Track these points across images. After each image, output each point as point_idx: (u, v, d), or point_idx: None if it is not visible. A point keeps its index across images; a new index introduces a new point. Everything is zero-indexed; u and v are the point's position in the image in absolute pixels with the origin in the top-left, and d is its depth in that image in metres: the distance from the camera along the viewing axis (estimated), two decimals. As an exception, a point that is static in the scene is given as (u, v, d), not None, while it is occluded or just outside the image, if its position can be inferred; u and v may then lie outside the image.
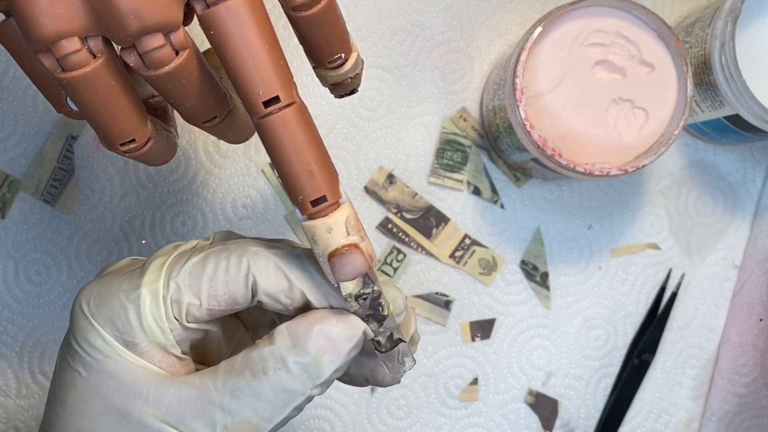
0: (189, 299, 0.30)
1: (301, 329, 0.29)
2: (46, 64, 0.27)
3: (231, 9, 0.26)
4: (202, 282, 0.30)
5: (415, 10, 0.52)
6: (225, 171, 0.52)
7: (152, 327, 0.30)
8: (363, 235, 0.29)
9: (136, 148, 0.30)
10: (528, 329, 0.52)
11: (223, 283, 0.30)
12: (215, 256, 0.30)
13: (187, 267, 0.30)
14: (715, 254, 0.53)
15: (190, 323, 0.30)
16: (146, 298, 0.30)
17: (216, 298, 0.30)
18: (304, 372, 0.29)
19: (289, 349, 0.29)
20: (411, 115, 0.52)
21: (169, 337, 0.30)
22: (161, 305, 0.30)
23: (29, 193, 0.51)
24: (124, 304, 0.30)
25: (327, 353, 0.29)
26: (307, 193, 0.28)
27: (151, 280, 0.30)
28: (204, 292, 0.30)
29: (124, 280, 0.30)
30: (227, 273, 0.30)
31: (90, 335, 0.30)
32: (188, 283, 0.30)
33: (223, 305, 0.30)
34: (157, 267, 0.30)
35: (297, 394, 0.29)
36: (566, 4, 0.45)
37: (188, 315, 0.30)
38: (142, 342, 0.30)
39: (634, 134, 0.45)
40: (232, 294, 0.30)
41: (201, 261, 0.30)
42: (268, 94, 0.27)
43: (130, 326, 0.30)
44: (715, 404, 0.52)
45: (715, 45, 0.45)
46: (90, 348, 0.30)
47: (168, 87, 0.28)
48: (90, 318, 0.30)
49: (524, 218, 0.53)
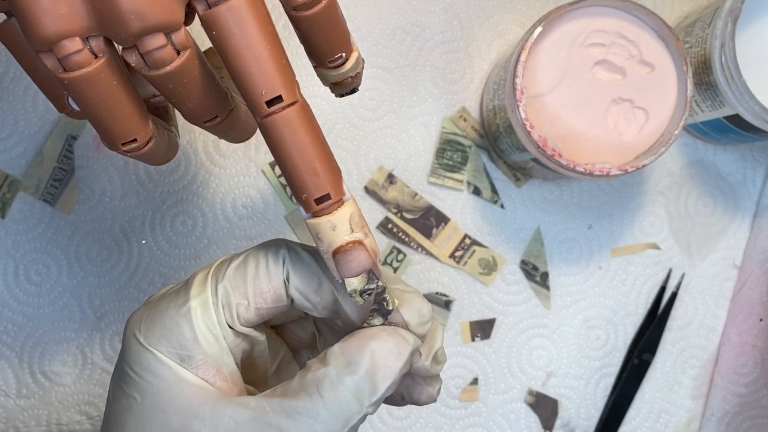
0: (237, 300, 0.30)
1: (354, 348, 0.30)
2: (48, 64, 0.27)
3: (233, 9, 0.26)
4: (247, 281, 0.30)
5: (415, 10, 0.52)
6: (225, 171, 0.52)
7: (206, 336, 0.30)
8: (367, 232, 0.29)
9: (137, 147, 0.30)
10: (528, 329, 0.52)
11: (267, 279, 0.31)
12: (254, 254, 0.31)
13: (231, 270, 0.31)
14: (715, 254, 0.53)
15: (242, 326, 0.31)
16: (197, 309, 0.30)
17: (262, 295, 0.31)
18: (360, 391, 0.29)
19: (343, 368, 0.29)
20: (411, 115, 0.52)
21: (223, 345, 0.30)
22: (212, 313, 0.30)
23: (29, 193, 0.51)
24: (176, 320, 0.30)
25: (380, 370, 0.29)
26: (311, 192, 0.28)
27: (198, 292, 0.30)
28: (250, 290, 0.30)
29: (171, 299, 0.31)
30: (267, 269, 0.31)
31: (144, 358, 0.30)
32: (234, 285, 0.30)
33: (270, 302, 0.31)
34: (202, 279, 0.31)
35: (353, 414, 0.29)
36: (566, 4, 0.45)
37: (239, 317, 0.31)
38: (197, 354, 0.30)
39: (634, 134, 0.45)
40: (276, 289, 0.31)
41: (242, 262, 0.31)
42: (270, 93, 0.27)
43: (184, 339, 0.30)
44: (715, 404, 0.52)
45: (715, 45, 0.45)
46: (144, 372, 0.30)
47: (169, 87, 0.28)
48: (142, 341, 0.30)
49: (524, 218, 0.53)
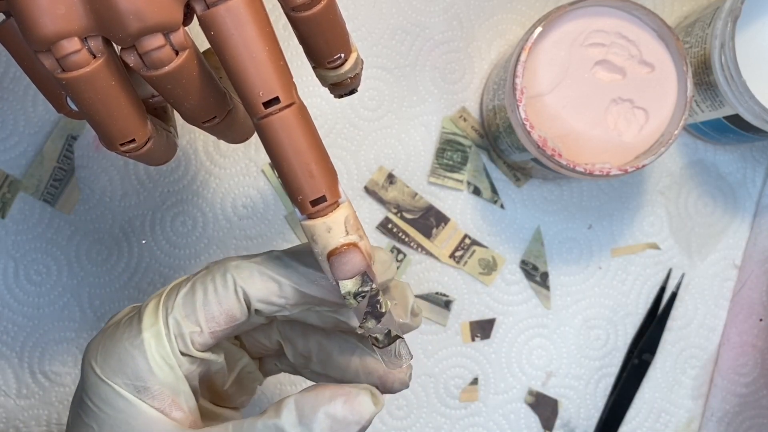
0: (190, 329, 0.31)
1: (308, 408, 0.30)
2: (46, 64, 0.27)
3: (231, 10, 0.26)
4: (197, 308, 0.31)
5: (415, 10, 0.52)
6: (225, 171, 0.52)
7: (161, 366, 0.30)
8: (362, 234, 0.29)
9: (136, 148, 0.30)
10: (528, 329, 0.52)
11: (216, 304, 0.31)
12: (201, 281, 0.31)
13: (179, 299, 0.31)
14: (715, 254, 0.53)
15: (198, 351, 0.31)
16: (150, 340, 0.30)
17: (214, 319, 0.31)
18: None
19: (293, 426, 0.29)
20: (411, 115, 0.52)
21: (179, 373, 0.31)
22: (166, 344, 0.30)
23: (29, 193, 0.51)
24: (131, 351, 0.30)
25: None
26: (306, 193, 0.28)
27: (150, 324, 0.31)
28: (201, 317, 0.31)
29: (125, 330, 0.31)
30: (216, 293, 0.31)
31: (101, 390, 0.31)
32: (184, 314, 0.31)
33: (223, 324, 0.31)
34: (153, 309, 0.31)
35: None
36: (566, 4, 0.45)
37: (194, 343, 0.31)
38: (153, 385, 0.30)
39: (634, 134, 0.45)
40: (227, 311, 0.31)
41: (190, 290, 0.31)
42: (268, 94, 0.27)
43: (140, 370, 0.30)
44: (715, 404, 0.52)
45: (715, 45, 0.45)
46: (102, 403, 0.30)
47: (168, 87, 0.28)
48: (99, 374, 0.31)
49: (524, 218, 0.53)
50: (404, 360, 0.32)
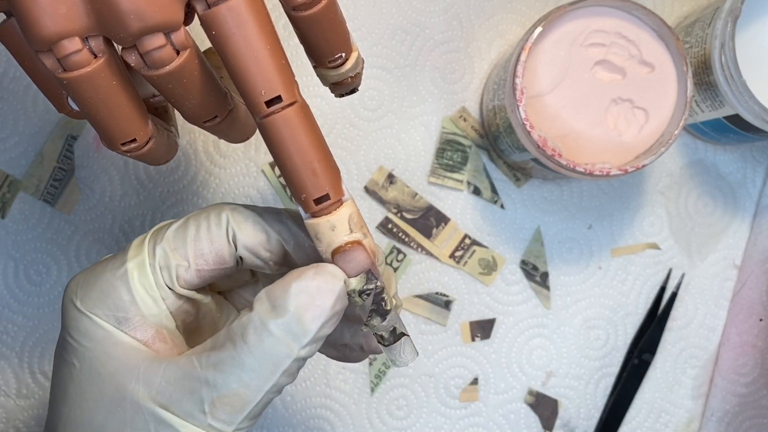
0: (177, 261, 0.30)
1: (278, 290, 0.29)
2: (47, 64, 0.27)
3: (232, 9, 0.26)
4: (187, 242, 0.30)
5: (415, 10, 0.52)
6: (225, 171, 0.52)
7: (144, 298, 0.30)
8: (366, 232, 0.29)
9: (136, 147, 0.30)
10: (528, 329, 0.52)
11: (208, 241, 0.30)
12: (195, 217, 0.31)
13: (170, 232, 0.31)
14: (715, 254, 0.53)
15: (182, 288, 0.31)
16: (134, 271, 0.30)
17: (203, 256, 0.30)
18: (288, 333, 0.28)
19: (268, 312, 0.29)
20: (411, 115, 0.52)
21: (162, 307, 0.30)
22: (149, 275, 0.30)
23: (29, 193, 0.51)
24: (112, 282, 0.30)
25: (309, 309, 0.28)
26: (310, 192, 0.28)
27: (135, 254, 0.30)
28: (190, 252, 0.30)
29: (108, 263, 0.31)
30: (209, 231, 0.30)
31: (81, 323, 0.30)
32: (173, 246, 0.30)
33: (211, 264, 0.31)
34: (139, 242, 0.31)
35: (283, 358, 0.29)
36: (566, 4, 0.45)
37: (179, 279, 0.30)
38: (134, 316, 0.30)
39: (634, 134, 0.45)
40: (218, 251, 0.30)
41: (183, 224, 0.31)
42: (270, 93, 0.27)
43: (121, 301, 0.30)
44: (715, 404, 0.52)
45: (715, 45, 0.45)
46: (81, 337, 0.30)
47: (169, 87, 0.28)
48: (79, 306, 0.30)
49: (524, 218, 0.53)
50: (410, 357, 0.32)
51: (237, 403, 0.29)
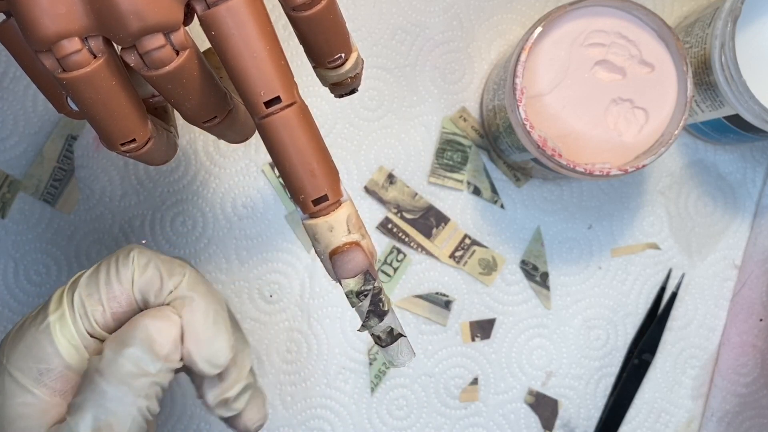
0: (92, 307, 0.31)
1: (125, 329, 0.31)
2: (47, 64, 0.27)
3: (232, 9, 0.26)
4: (100, 287, 0.31)
5: (415, 10, 0.52)
6: (225, 171, 0.52)
7: (67, 348, 0.31)
8: (364, 233, 0.29)
9: (136, 147, 0.30)
10: (528, 329, 0.52)
11: (117, 283, 0.31)
12: (106, 261, 0.32)
13: (84, 279, 0.32)
14: (715, 254, 0.53)
15: (102, 331, 0.31)
16: (56, 324, 0.31)
17: (116, 299, 0.31)
18: (139, 359, 0.30)
19: (117, 348, 0.30)
20: (411, 115, 0.52)
21: (84, 354, 0.31)
22: (70, 324, 0.31)
23: (29, 193, 0.51)
24: (36, 336, 0.31)
25: (155, 341, 0.30)
26: (308, 193, 0.28)
27: (55, 307, 0.31)
28: (104, 296, 0.31)
29: (33, 319, 0.32)
30: (118, 273, 0.31)
31: (1, 380, 0.31)
32: (87, 293, 0.31)
33: (125, 306, 0.31)
34: (59, 296, 0.32)
35: (140, 383, 0.30)
36: (566, 4, 0.45)
37: (97, 323, 0.31)
38: (57, 367, 0.31)
39: (634, 134, 0.45)
40: (128, 292, 0.31)
41: (94, 270, 0.32)
42: (269, 94, 0.27)
43: (45, 353, 0.31)
44: (715, 404, 0.52)
45: (715, 45, 0.45)
46: None
47: (168, 87, 0.28)
48: (5, 362, 0.31)
49: (524, 218, 0.53)
50: (407, 358, 0.32)
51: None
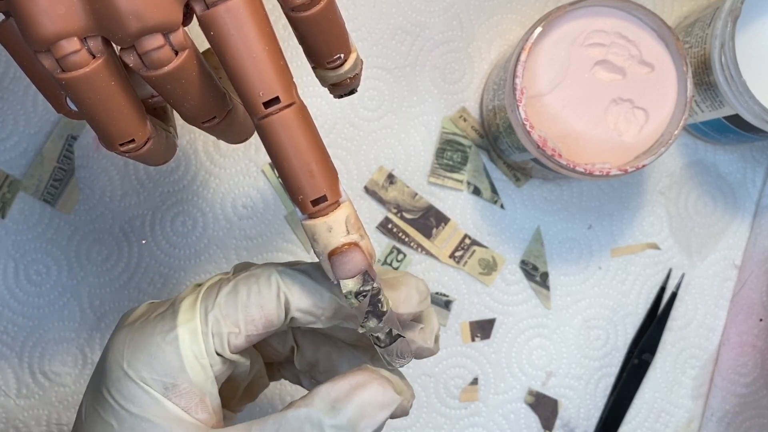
0: (228, 329, 0.30)
1: (342, 394, 0.30)
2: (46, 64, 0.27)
3: (231, 10, 0.26)
4: (238, 309, 0.30)
5: (415, 10, 0.52)
6: (225, 171, 0.52)
7: (193, 365, 0.30)
8: (363, 234, 0.29)
9: (135, 148, 0.30)
10: (528, 329, 0.52)
11: (258, 307, 0.30)
12: (245, 281, 0.31)
13: (221, 297, 0.31)
14: (715, 254, 0.53)
15: (232, 353, 0.31)
16: (185, 336, 0.30)
17: (253, 322, 0.30)
18: (336, 429, 0.29)
19: (327, 412, 0.29)
20: (411, 115, 0.52)
21: (209, 374, 0.30)
22: (201, 342, 0.30)
23: (29, 193, 0.51)
24: (162, 347, 0.30)
25: (364, 419, 0.29)
26: (307, 193, 0.28)
27: (186, 319, 0.30)
28: (241, 318, 0.30)
29: (157, 324, 0.31)
30: (260, 295, 0.30)
31: (125, 387, 0.30)
32: (225, 313, 0.30)
33: (261, 329, 0.31)
34: (189, 305, 0.31)
35: None
36: (566, 4, 0.45)
37: (230, 345, 0.30)
38: (183, 383, 0.30)
39: (634, 134, 0.45)
40: (267, 315, 0.31)
41: (233, 289, 0.31)
42: (268, 94, 0.27)
43: (171, 367, 0.30)
44: (715, 404, 0.52)
45: (715, 45, 0.45)
46: (124, 400, 0.30)
47: (167, 87, 0.28)
48: (125, 368, 0.30)
49: (524, 218, 0.53)
50: (406, 360, 0.32)
51: None
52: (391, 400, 0.30)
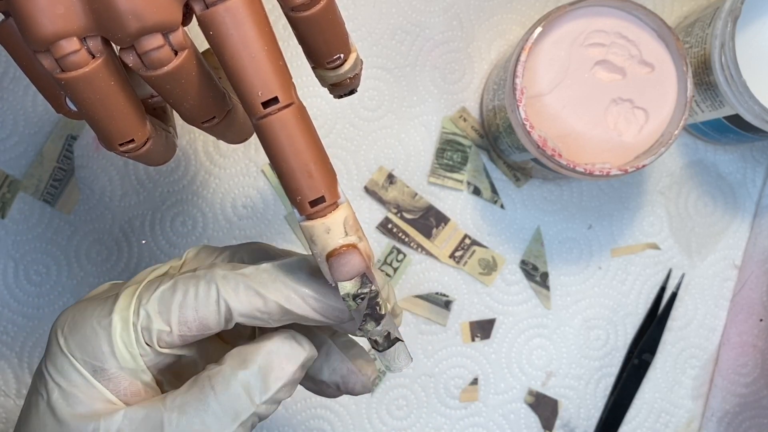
0: (159, 326, 0.30)
1: (250, 348, 0.30)
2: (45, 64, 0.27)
3: (230, 9, 0.26)
4: (172, 309, 0.30)
5: (415, 10, 0.52)
6: (225, 171, 0.52)
7: (123, 353, 0.30)
8: (361, 236, 0.29)
9: (134, 148, 0.30)
10: (528, 329, 0.52)
11: (193, 309, 0.30)
12: (184, 282, 0.31)
13: (157, 294, 0.31)
14: (715, 254, 0.53)
15: (163, 348, 0.31)
16: (117, 324, 0.30)
17: (186, 324, 0.30)
18: (251, 386, 0.30)
19: (236, 366, 0.30)
20: (411, 115, 0.52)
21: (140, 363, 0.31)
22: (131, 333, 0.30)
23: (29, 193, 0.51)
24: (96, 330, 0.30)
25: (273, 370, 0.30)
26: (305, 194, 0.28)
27: (122, 307, 0.31)
28: (174, 318, 0.30)
29: (97, 307, 0.31)
30: (196, 299, 0.30)
31: (58, 360, 0.31)
32: (158, 310, 0.30)
33: (194, 331, 0.31)
34: (129, 294, 0.31)
35: (244, 408, 0.30)
36: (566, 4, 0.44)
37: (160, 341, 0.31)
38: (111, 368, 0.30)
39: (634, 134, 0.45)
40: (202, 320, 0.30)
41: (170, 288, 0.31)
42: (267, 94, 0.27)
43: (100, 352, 0.30)
44: (715, 404, 0.52)
45: (715, 45, 0.45)
46: (56, 373, 0.31)
47: (167, 87, 0.28)
48: (61, 344, 0.31)
49: (524, 218, 0.53)
50: (404, 363, 0.31)
51: None
52: (299, 354, 0.30)
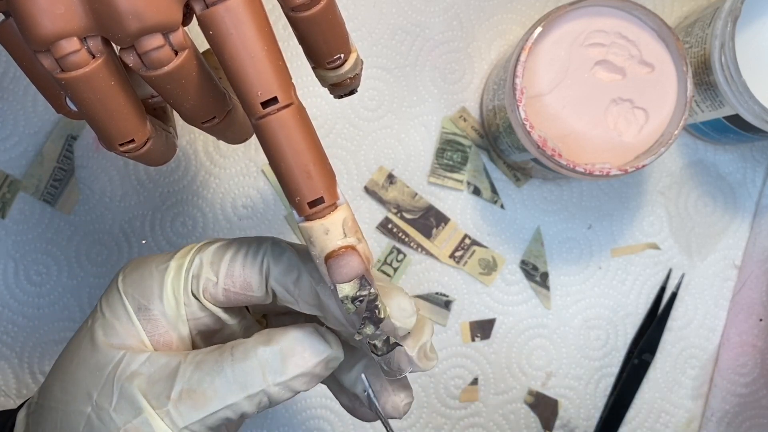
0: (207, 274, 0.32)
1: (279, 332, 0.31)
2: (45, 64, 0.27)
3: (230, 9, 0.26)
4: (222, 261, 0.32)
5: (415, 10, 0.52)
6: (225, 171, 0.52)
7: (169, 297, 0.32)
8: (360, 237, 0.29)
9: (135, 148, 0.30)
10: (528, 329, 0.52)
11: (241, 265, 0.32)
12: (239, 241, 0.32)
13: (212, 247, 0.32)
14: (715, 254, 0.53)
15: (207, 301, 0.32)
16: (172, 269, 0.32)
17: (232, 278, 0.32)
18: (267, 364, 0.30)
19: (260, 342, 0.31)
20: (411, 115, 0.52)
21: (182, 312, 0.32)
22: (182, 277, 0.32)
23: (29, 193, 0.51)
24: (153, 272, 0.32)
25: (294, 356, 0.30)
26: (304, 195, 0.28)
27: (180, 255, 0.32)
28: (222, 270, 0.32)
29: (159, 256, 0.33)
30: (246, 257, 0.32)
31: (111, 294, 0.32)
32: (210, 261, 0.32)
33: (238, 287, 0.32)
34: (189, 248, 0.33)
35: (254, 382, 0.30)
36: (566, 4, 0.45)
37: (205, 292, 0.32)
38: (154, 309, 0.32)
39: (634, 134, 0.45)
40: (246, 277, 0.32)
41: (225, 244, 0.32)
42: (266, 94, 0.27)
43: (150, 291, 0.32)
44: (715, 404, 0.52)
45: (715, 45, 0.45)
46: (105, 305, 0.32)
47: (167, 87, 0.28)
48: (119, 280, 0.32)
49: (524, 218, 0.53)
50: (404, 369, 0.31)
51: (200, 402, 0.30)
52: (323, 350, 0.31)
